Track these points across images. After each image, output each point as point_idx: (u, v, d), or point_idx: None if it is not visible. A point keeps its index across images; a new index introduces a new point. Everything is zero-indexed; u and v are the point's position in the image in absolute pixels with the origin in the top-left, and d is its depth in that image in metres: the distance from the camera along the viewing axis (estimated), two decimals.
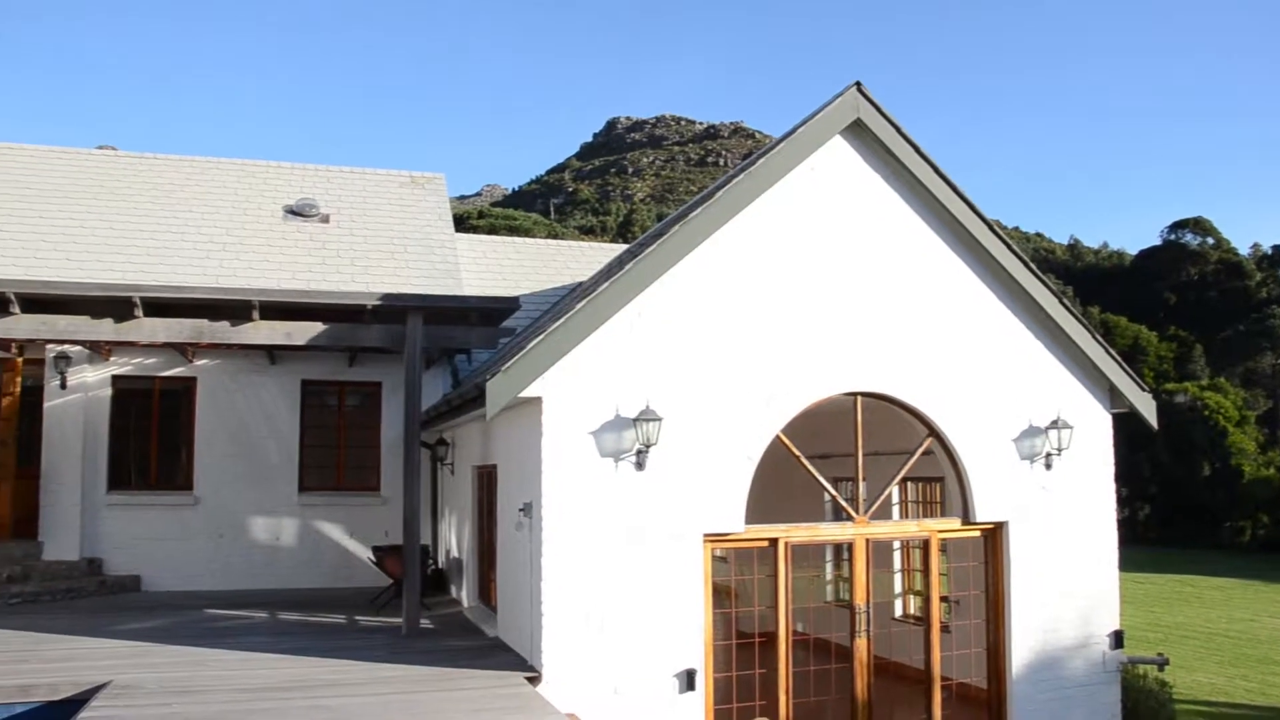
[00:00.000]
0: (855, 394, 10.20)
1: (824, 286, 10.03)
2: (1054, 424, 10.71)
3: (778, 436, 9.83)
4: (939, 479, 11.58)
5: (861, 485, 10.37)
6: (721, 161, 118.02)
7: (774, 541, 9.90)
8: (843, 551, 12.17)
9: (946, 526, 10.70)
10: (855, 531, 10.27)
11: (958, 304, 10.54)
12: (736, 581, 11.08)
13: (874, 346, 10.14)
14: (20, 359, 15.48)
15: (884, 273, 10.26)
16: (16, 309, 10.91)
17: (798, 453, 10.04)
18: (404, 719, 7.67)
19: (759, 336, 9.74)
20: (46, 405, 15.36)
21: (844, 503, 10.36)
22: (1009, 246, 10.57)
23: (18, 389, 15.61)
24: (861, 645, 10.10)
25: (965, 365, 10.50)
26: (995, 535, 10.76)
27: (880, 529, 10.62)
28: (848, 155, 10.27)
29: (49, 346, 14.98)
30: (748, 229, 9.82)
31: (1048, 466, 10.78)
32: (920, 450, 10.53)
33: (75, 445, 15.34)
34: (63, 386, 15.33)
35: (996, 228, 10.55)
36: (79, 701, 8.38)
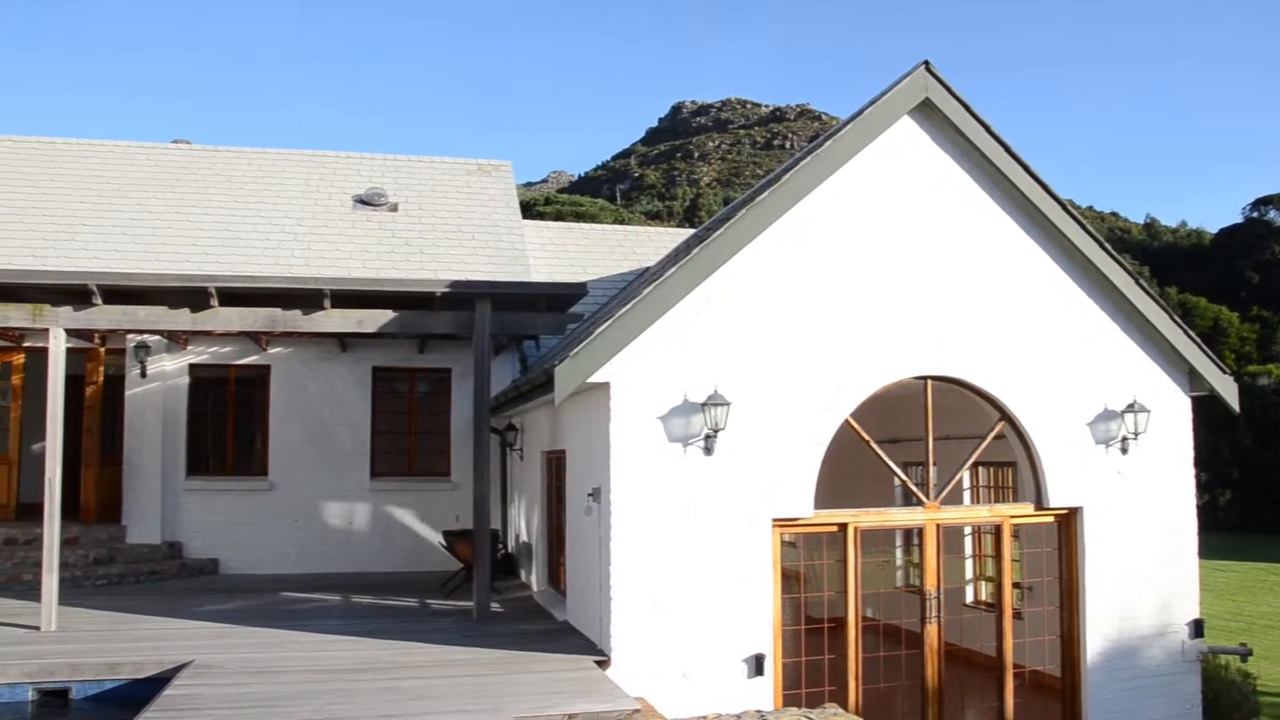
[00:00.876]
0: (925, 378, 10.09)
1: (893, 269, 9.91)
2: (1130, 408, 10.48)
3: (847, 421, 9.75)
4: (1011, 464, 11.41)
5: (932, 470, 10.25)
6: (788, 144, 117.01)
7: (843, 526, 9.83)
8: (913, 537, 12.05)
9: (1019, 512, 10.54)
10: (926, 516, 10.16)
11: (1030, 285, 10.35)
12: (805, 566, 11.03)
13: (944, 330, 10.01)
14: (103, 349, 15.91)
15: (954, 255, 10.11)
16: (99, 300, 11.19)
17: (867, 437, 9.96)
18: (475, 701, 7.75)
19: (827, 320, 9.66)
20: (128, 394, 15.77)
21: (914, 487, 10.26)
22: (1083, 226, 10.35)
23: (100, 378, 16.04)
24: (932, 631, 10.01)
25: (1038, 348, 10.31)
26: (1069, 521, 10.58)
27: (951, 514, 10.49)
28: (916, 136, 10.13)
29: (129, 336, 15.37)
30: (815, 212, 9.74)
31: (1124, 451, 10.56)
32: (992, 434, 10.39)
33: (155, 432, 15.73)
34: (143, 375, 15.72)
35: (1070, 207, 10.33)
36: (163, 680, 8.61)
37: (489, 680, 8.49)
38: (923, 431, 10.23)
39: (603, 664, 9.05)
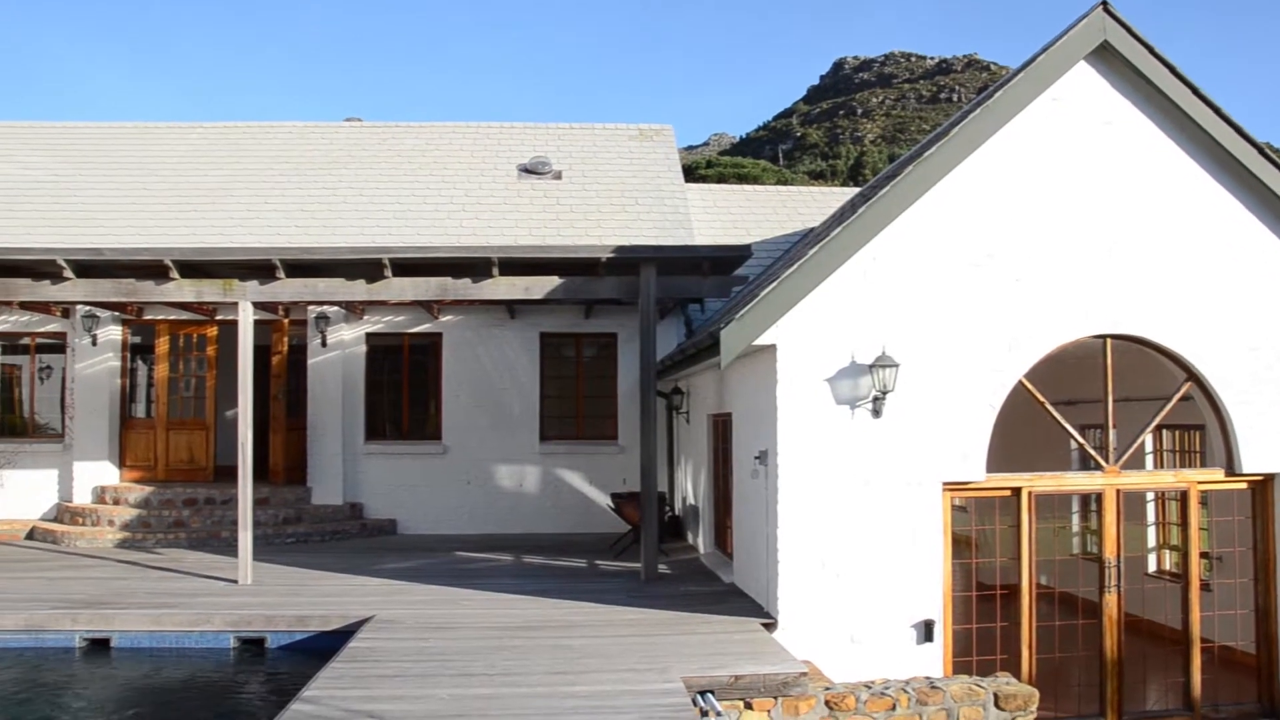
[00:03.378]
0: (1104, 336, 9.63)
1: (1070, 223, 9.47)
2: None
3: (1021, 382, 9.42)
4: (1198, 427, 10.83)
5: (1112, 433, 9.81)
6: (955, 97, 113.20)
7: (1017, 491, 9.53)
8: (1091, 502, 11.59)
9: (1207, 477, 9.99)
10: (1105, 481, 9.75)
11: (1219, 237, 9.71)
12: (976, 532, 10.77)
13: (1125, 286, 9.52)
14: (286, 320, 16.68)
15: (1136, 206, 9.58)
16: (282, 274, 11.71)
17: (1042, 399, 9.60)
18: (643, 661, 7.86)
19: (1000, 278, 9.32)
20: (310, 362, 16.51)
21: (1093, 451, 9.85)
22: None
23: (285, 348, 16.84)
24: (1111, 601, 9.61)
25: (1229, 305, 9.68)
26: (1265, 488, 9.98)
27: (1132, 479, 10.03)
28: (1094, 82, 9.62)
29: (310, 308, 16.06)
30: (985, 166, 9.38)
31: None
32: (1178, 396, 9.86)
33: (336, 399, 16.44)
34: (323, 344, 16.42)
35: (1268, 151, 9.65)
36: (347, 633, 9.05)
37: (656, 640, 8.59)
38: (1101, 393, 9.79)
39: (769, 627, 9.04)
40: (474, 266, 11.78)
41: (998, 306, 9.29)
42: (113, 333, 16.63)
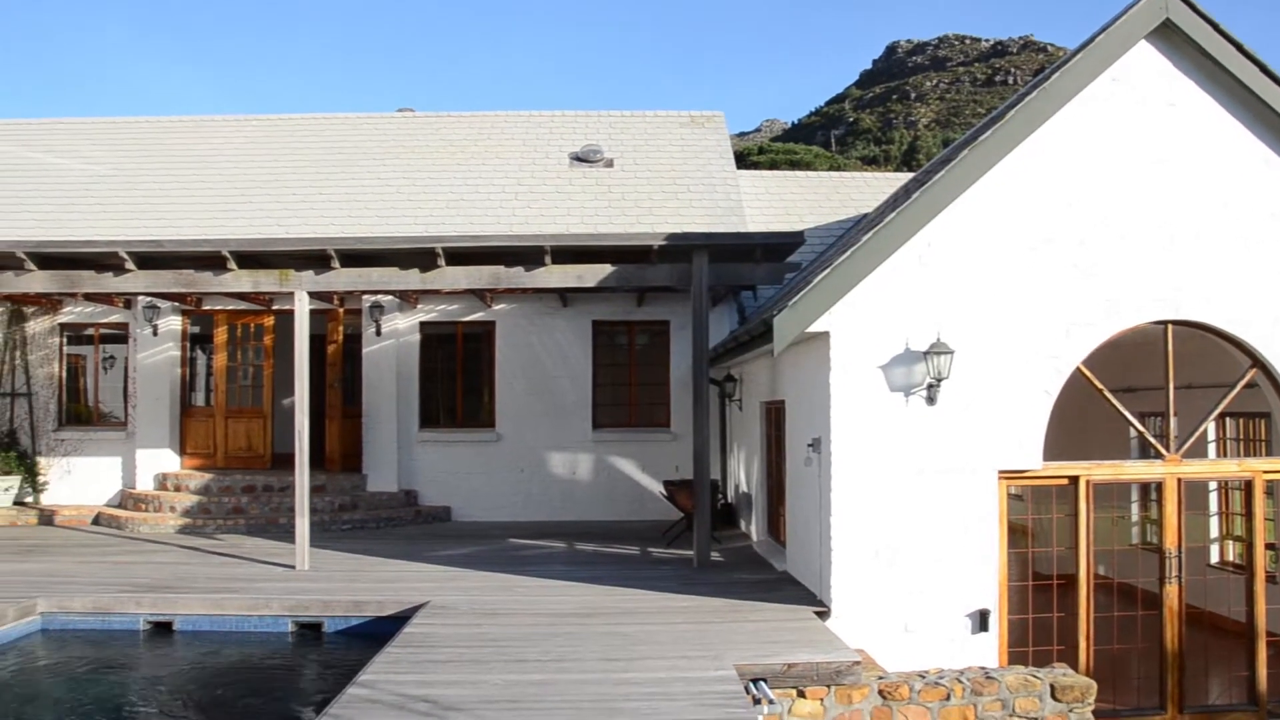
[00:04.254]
0: (1166, 322, 9.43)
1: (1130, 207, 9.28)
2: None
3: (1078, 369, 9.26)
4: (1264, 414, 10.59)
5: (1173, 421, 9.61)
6: (1010, 80, 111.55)
7: (1074, 479, 9.38)
8: (1150, 492, 11.39)
9: (1273, 466, 9.75)
10: (1165, 470, 9.56)
11: None
12: (1033, 521, 10.62)
13: (1187, 271, 9.30)
14: (341, 309, 16.86)
15: (1199, 188, 9.35)
16: (337, 263, 11.83)
17: (1100, 386, 9.43)
18: (696, 648, 7.86)
19: (1058, 263, 9.16)
20: (365, 351, 16.68)
21: (1153, 439, 9.66)
22: None
23: (340, 337, 17.03)
24: (1172, 592, 9.43)
25: None
26: None
27: (1194, 468, 9.82)
28: (1155, 61, 9.40)
29: (364, 297, 16.23)
30: (1042, 149, 9.22)
31: None
32: (1242, 383, 9.63)
33: (390, 387, 16.59)
34: (378, 333, 16.57)
35: None
36: (402, 618, 9.13)
37: (709, 628, 8.58)
38: (1162, 380, 9.59)
39: (822, 615, 9.00)
40: (526, 255, 11.82)
41: (1055, 292, 9.14)
42: (173, 323, 16.92)
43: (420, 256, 11.86)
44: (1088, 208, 9.21)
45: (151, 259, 12.10)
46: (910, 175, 18.89)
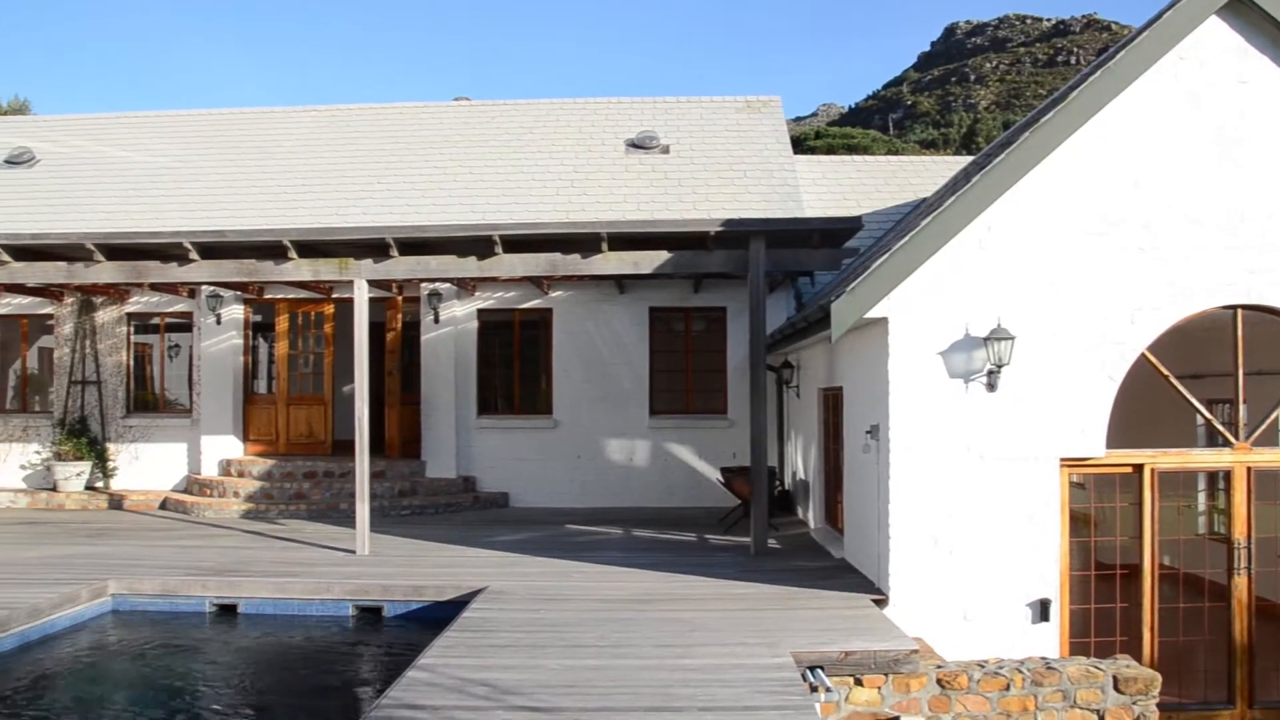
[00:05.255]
0: (1235, 307, 9.21)
1: (1199, 189, 9.05)
2: None
3: (1143, 355, 9.08)
4: None
5: (1242, 408, 9.38)
6: (1073, 60, 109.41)
7: (1139, 468, 9.21)
8: (1218, 480, 11.14)
9: None
10: (1234, 459, 9.35)
11: None
12: (1095, 509, 10.45)
13: (1258, 254, 9.05)
14: (400, 297, 17.02)
15: (1271, 168, 9.09)
16: (395, 252, 11.94)
17: (1166, 372, 9.24)
18: (752, 635, 7.84)
19: (1123, 247, 8.98)
20: (423, 338, 16.83)
21: (1221, 427, 9.45)
22: None
23: (399, 324, 17.19)
24: (1241, 584, 9.23)
25: None
26: None
27: (1265, 456, 9.58)
28: (1225, 37, 9.13)
29: (423, 285, 16.37)
30: (1107, 131, 9.03)
31: None
32: None
33: (448, 374, 16.73)
34: (436, 321, 16.71)
35: None
36: (460, 603, 9.22)
37: (766, 615, 8.56)
38: (1231, 366, 9.36)
39: (880, 603, 8.94)
40: (583, 242, 11.83)
41: (1120, 277, 8.96)
42: (235, 311, 17.19)
43: (478, 244, 11.92)
44: (1153, 189, 9.01)
45: (214, 249, 12.31)
46: (970, 159, 18.64)
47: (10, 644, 8.73)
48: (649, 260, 11.82)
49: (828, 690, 7.17)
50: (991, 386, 8.88)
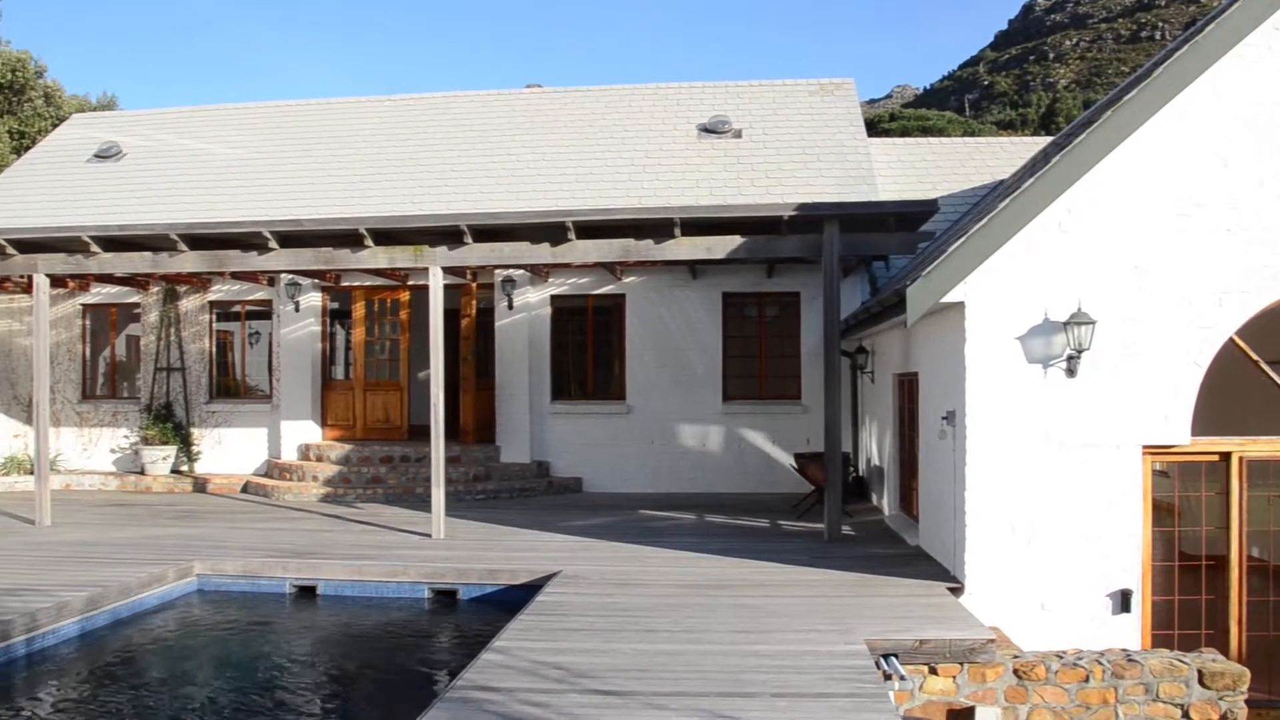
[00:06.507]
0: None
1: None
2: None
3: (1231, 339, 8.82)
4: None
5: None
6: (1158, 35, 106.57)
7: (1226, 456, 8.95)
8: None
9: None
10: None
11: None
12: (1179, 498, 10.20)
13: None
14: (474, 284, 17.17)
15: None
16: (469, 239, 12.03)
17: (1256, 357, 8.97)
18: (826, 621, 7.79)
19: (1210, 229, 8.71)
20: (497, 324, 16.96)
21: None
22: None
23: (473, 311, 17.35)
24: None
25: None
26: None
27: None
28: None
29: (496, 271, 16.48)
30: (1195, 108, 8.74)
31: None
32: None
33: (522, 360, 16.84)
34: (510, 307, 16.82)
35: None
36: (534, 587, 9.30)
37: (839, 602, 8.50)
38: None
39: (955, 591, 8.83)
40: (656, 227, 11.82)
41: (1206, 259, 8.70)
42: (313, 299, 17.48)
43: (550, 230, 11.97)
44: (1243, 169, 8.73)
45: (292, 238, 12.53)
46: (1049, 139, 18.26)
47: (104, 620, 9.06)
48: (722, 245, 11.77)
49: (901, 679, 7.10)
50: (1071, 372, 8.70)
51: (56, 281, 16.64)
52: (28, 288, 17.17)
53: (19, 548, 11.47)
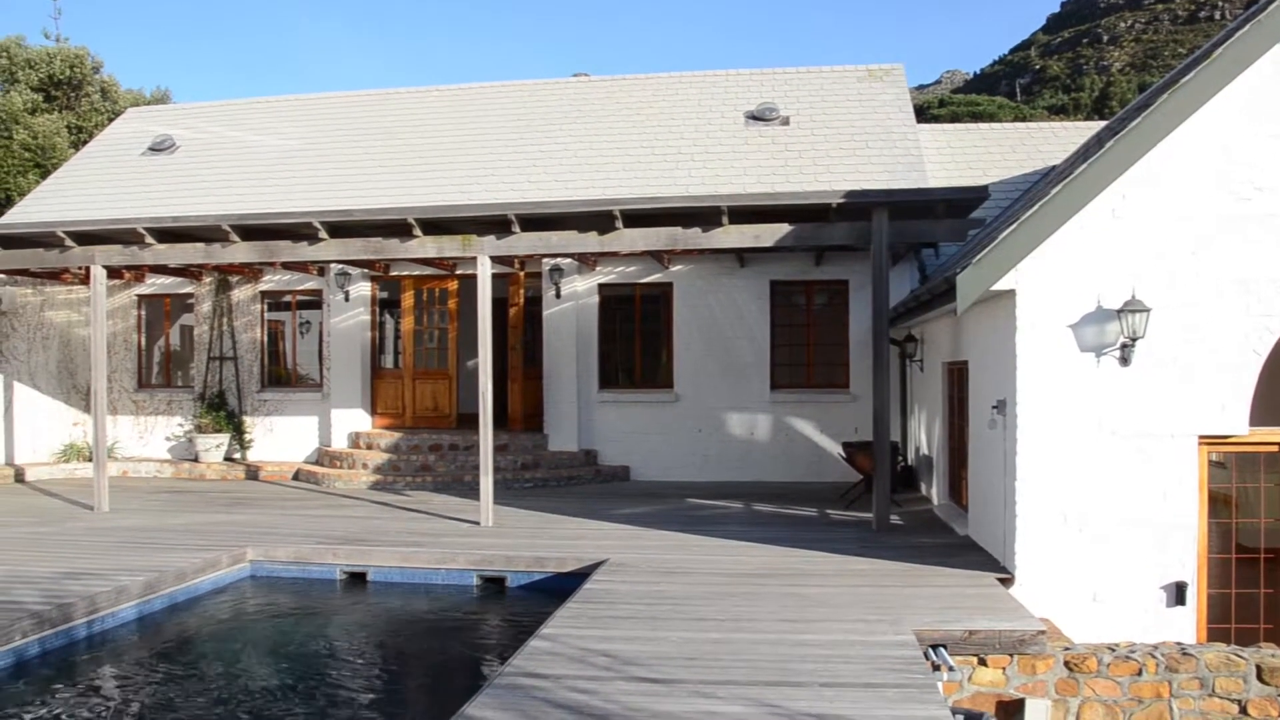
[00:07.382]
0: None
1: None
2: None
3: None
4: None
5: None
6: (1217, 15, 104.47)
7: None
8: None
9: None
10: None
11: None
12: (1237, 489, 10.02)
13: None
14: (522, 273, 17.23)
15: None
16: (517, 228, 12.08)
17: None
18: (874, 611, 7.75)
19: (1269, 214, 8.50)
20: (545, 313, 17.01)
21: None
22: None
23: (521, 300, 17.42)
24: None
25: None
26: None
27: None
28: None
29: (544, 260, 16.52)
30: (1256, 90, 8.52)
31: None
32: None
33: (570, 348, 16.88)
34: (557, 296, 16.86)
35: None
36: (582, 575, 9.34)
37: (888, 591, 8.45)
38: None
39: (1005, 582, 8.74)
40: (703, 215, 11.79)
41: (1267, 245, 8.51)
42: (363, 289, 17.64)
43: (598, 219, 11.98)
44: None
45: (342, 228, 12.65)
46: (1102, 124, 17.96)
47: (160, 604, 9.25)
48: (769, 233, 11.72)
49: (950, 670, 7.05)
50: (1125, 360, 8.56)
51: (113, 272, 16.97)
52: (85, 279, 17.48)
53: (79, 533, 11.72)
